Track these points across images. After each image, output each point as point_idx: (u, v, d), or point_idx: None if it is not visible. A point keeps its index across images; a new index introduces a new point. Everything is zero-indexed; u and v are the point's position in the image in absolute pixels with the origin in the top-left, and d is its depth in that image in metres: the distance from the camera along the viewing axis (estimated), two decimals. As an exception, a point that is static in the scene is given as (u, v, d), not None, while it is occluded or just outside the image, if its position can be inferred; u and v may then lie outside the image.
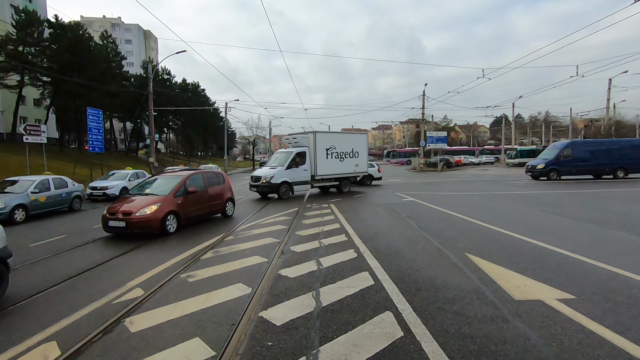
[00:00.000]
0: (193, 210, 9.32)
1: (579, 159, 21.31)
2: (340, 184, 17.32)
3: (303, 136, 17.06)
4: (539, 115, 74.40)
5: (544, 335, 3.23)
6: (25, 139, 20.26)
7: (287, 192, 15.44)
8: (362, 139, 18.63)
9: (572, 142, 23.29)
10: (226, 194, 10.94)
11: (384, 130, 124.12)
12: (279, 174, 15.23)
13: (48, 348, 3.32)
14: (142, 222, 7.91)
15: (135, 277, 5.30)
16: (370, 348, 3.09)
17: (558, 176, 21.25)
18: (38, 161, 23.03)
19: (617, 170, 21.33)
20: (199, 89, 67.75)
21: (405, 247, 6.55)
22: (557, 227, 8.03)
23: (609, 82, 36.77)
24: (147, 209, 8.08)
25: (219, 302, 4.21)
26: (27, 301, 4.56)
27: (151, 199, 8.57)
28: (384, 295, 4.27)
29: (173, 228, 8.49)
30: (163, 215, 8.19)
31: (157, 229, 8.08)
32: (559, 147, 22.25)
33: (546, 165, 21.47)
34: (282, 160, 15.88)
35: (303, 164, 15.91)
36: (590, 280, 4.61)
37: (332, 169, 16.86)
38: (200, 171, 10.59)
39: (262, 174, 15.30)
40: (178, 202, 8.78)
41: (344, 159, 17.28)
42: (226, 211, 10.84)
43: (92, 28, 60.44)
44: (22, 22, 31.73)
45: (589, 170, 21.53)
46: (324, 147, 16.48)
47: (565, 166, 21.33)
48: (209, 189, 10.14)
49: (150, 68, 29.05)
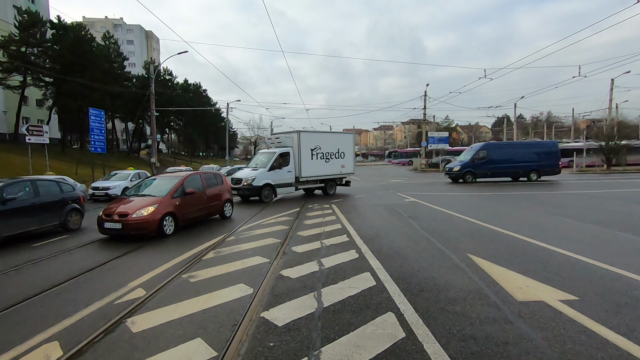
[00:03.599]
0: (191, 211, 9.12)
1: (494, 161, 20.97)
2: (326, 186, 16.73)
3: (286, 136, 16.32)
4: (541, 116, 74.26)
5: (546, 336, 3.21)
6: (28, 140, 20.37)
7: (270, 195, 14.58)
8: (348, 139, 18.07)
9: (487, 144, 22.95)
10: (224, 195, 10.73)
11: (386, 130, 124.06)
12: (261, 176, 14.43)
13: (50, 348, 3.32)
14: (139, 224, 7.72)
15: (137, 277, 5.30)
16: (372, 349, 3.08)
17: (474, 179, 20.91)
18: (40, 161, 23.13)
19: (530, 172, 21.09)
20: (201, 89, 67.91)
21: (407, 248, 6.53)
22: (559, 228, 8.00)
23: (612, 83, 36.60)
24: (143, 211, 7.86)
25: (221, 303, 4.21)
26: (29, 301, 4.56)
27: (148, 200, 8.35)
28: (386, 296, 4.26)
29: (171, 230, 8.29)
30: (160, 216, 7.98)
31: (154, 231, 7.91)
32: (475, 149, 21.83)
33: (462, 168, 21.09)
34: (264, 162, 15.10)
35: (287, 165, 15.19)
36: (593, 281, 4.59)
37: (318, 170, 16.22)
38: (198, 172, 10.30)
39: (243, 176, 14.53)
40: (176, 204, 8.57)
41: (330, 159, 16.66)
42: (224, 212, 10.65)
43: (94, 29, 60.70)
44: (25, 23, 31.87)
45: (503, 173, 21.21)
46: (309, 148, 15.82)
47: (481, 168, 20.97)
48: (207, 190, 9.94)
49: (152, 69, 29.11)
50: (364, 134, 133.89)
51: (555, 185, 19.03)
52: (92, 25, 64.93)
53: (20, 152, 26.87)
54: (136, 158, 51.31)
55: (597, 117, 47.48)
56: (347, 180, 18.14)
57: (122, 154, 50.84)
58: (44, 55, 34.15)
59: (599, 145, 32.54)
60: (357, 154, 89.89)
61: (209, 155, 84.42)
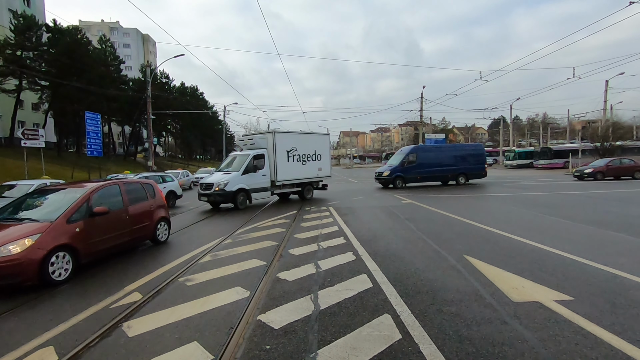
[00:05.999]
0: (103, 240, 6.29)
1: (424, 165, 20.21)
2: (303, 190, 15.92)
3: (260, 137, 15.25)
4: (536, 117, 74.75)
5: (541, 336, 3.23)
6: (24, 143, 20.26)
7: (245, 201, 13.54)
8: (324, 140, 17.47)
9: (417, 147, 22.21)
10: (157, 213, 7.90)
11: (383, 132, 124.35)
12: (235, 180, 13.22)
13: (45, 353, 3.30)
14: (4, 269, 4.78)
15: (133, 281, 5.28)
16: (368, 351, 3.09)
17: (404, 183, 20.00)
18: (36, 165, 23.01)
19: (459, 176, 20.72)
20: (198, 92, 67.94)
21: (404, 250, 6.55)
22: (555, 229, 8.05)
23: (606, 84, 36.93)
24: (12, 246, 4.95)
25: (217, 306, 4.20)
26: (24, 306, 4.53)
27: (26, 227, 5.38)
28: (383, 297, 4.27)
29: (65, 273, 5.39)
30: (44, 254, 5.09)
31: (30, 279, 5.00)
32: (405, 153, 20.93)
33: (391, 173, 20.00)
34: (237, 164, 13.93)
35: (262, 168, 14.13)
36: (588, 281, 4.62)
37: (294, 174, 15.34)
38: (117, 181, 7.54)
39: (215, 181, 13.21)
40: (75, 231, 5.71)
41: (306, 162, 15.81)
42: (157, 236, 7.83)
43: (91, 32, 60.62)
44: (21, 27, 31.83)
45: (433, 177, 20.62)
46: (285, 149, 14.88)
47: (410, 173, 20.06)
48: (131, 208, 7.13)
49: (149, 72, 29.08)
50: (361, 136, 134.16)
51: (550, 186, 19.15)
52: (89, 28, 64.86)
53: (16, 156, 26.72)
54: (133, 161, 51.11)
55: (592, 118, 47.90)
56: (323, 184, 17.31)
57: (119, 158, 50.71)
58: (40, 58, 34.10)
59: (594, 146, 32.86)
60: (355, 156, 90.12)
61: (207, 158, 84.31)
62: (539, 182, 21.60)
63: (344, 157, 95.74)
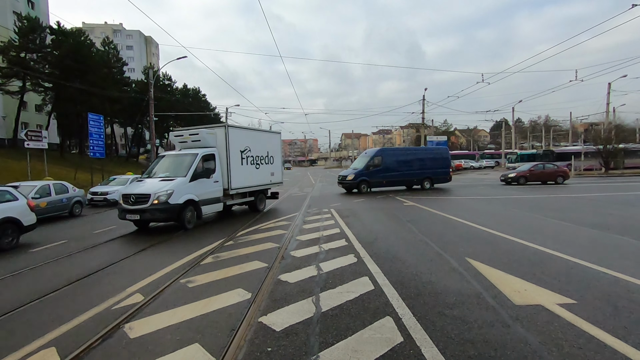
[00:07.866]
0: None
1: (390, 168, 19.43)
2: (256, 200, 13.08)
3: (208, 132, 11.56)
4: (539, 120, 74.64)
5: (544, 340, 3.22)
6: (27, 145, 20.39)
7: (194, 217, 9.97)
8: (276, 140, 14.82)
9: (382, 150, 21.12)
10: None
11: (385, 134, 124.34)
12: (181, 188, 9.58)
13: (47, 354, 3.31)
14: None
15: (135, 283, 5.29)
16: (370, 353, 3.08)
17: (369, 188, 19.13)
18: (39, 166, 23.11)
19: (424, 180, 20.12)
20: (200, 94, 68.06)
21: (406, 252, 6.54)
22: (557, 232, 8.01)
23: (609, 86, 36.84)
24: None
25: (219, 308, 4.21)
26: (27, 307, 4.55)
27: None
28: (384, 300, 4.26)
29: None
30: None
31: None
32: (370, 155, 20.04)
33: (356, 176, 18.99)
34: (179, 168, 10.31)
35: (213, 172, 10.82)
36: (591, 284, 4.60)
37: (249, 180, 12.47)
38: None
39: (152, 191, 9.25)
40: None
41: (260, 165, 13.09)
42: None
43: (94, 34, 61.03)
44: (24, 29, 32.04)
45: (399, 181, 19.91)
46: (238, 149, 11.92)
47: (375, 176, 19.20)
48: None
49: (152, 74, 29.20)
50: (363, 138, 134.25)
51: (553, 188, 19.08)
52: (92, 30, 65.27)
53: (19, 157, 26.85)
54: (135, 163, 51.29)
55: (594, 121, 47.73)
56: (273, 192, 14.72)
57: (121, 159, 50.88)
58: (44, 60, 34.29)
59: (596, 148, 32.71)
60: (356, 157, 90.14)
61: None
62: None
63: (345, 158, 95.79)
